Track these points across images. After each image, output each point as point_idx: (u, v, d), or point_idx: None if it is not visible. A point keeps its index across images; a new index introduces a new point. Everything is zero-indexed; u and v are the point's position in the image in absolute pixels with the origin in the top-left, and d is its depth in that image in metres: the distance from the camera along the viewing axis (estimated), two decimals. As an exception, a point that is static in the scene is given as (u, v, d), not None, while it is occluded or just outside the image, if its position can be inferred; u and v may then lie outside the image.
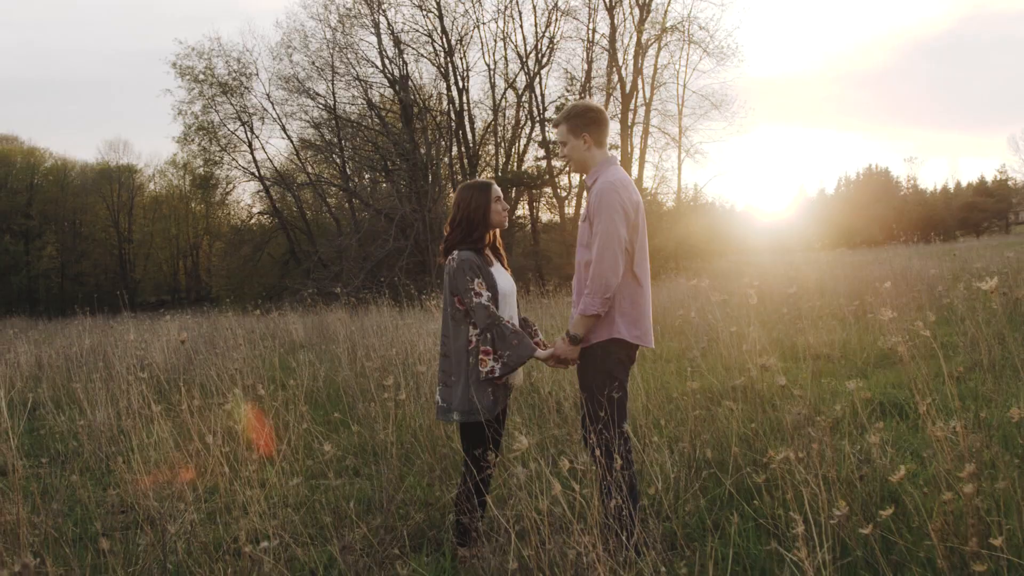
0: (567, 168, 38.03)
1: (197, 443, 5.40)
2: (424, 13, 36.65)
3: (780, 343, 10.03)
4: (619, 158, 37.29)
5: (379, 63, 37.30)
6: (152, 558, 4.52)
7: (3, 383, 7.58)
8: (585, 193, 4.75)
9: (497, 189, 4.80)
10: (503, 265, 4.91)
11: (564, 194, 38.83)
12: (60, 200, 62.70)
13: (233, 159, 42.66)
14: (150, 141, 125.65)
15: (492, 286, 4.58)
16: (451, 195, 40.68)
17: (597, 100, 38.02)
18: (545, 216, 41.40)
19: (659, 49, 37.18)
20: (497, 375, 4.45)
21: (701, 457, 5.35)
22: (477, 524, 4.45)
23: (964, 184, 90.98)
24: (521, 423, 6.92)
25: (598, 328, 4.46)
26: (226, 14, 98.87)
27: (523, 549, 3.49)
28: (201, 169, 45.90)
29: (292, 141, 41.08)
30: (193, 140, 41.63)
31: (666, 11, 36.51)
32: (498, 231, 4.92)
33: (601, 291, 4.31)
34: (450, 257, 4.66)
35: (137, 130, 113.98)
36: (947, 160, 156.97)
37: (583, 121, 4.61)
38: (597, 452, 4.08)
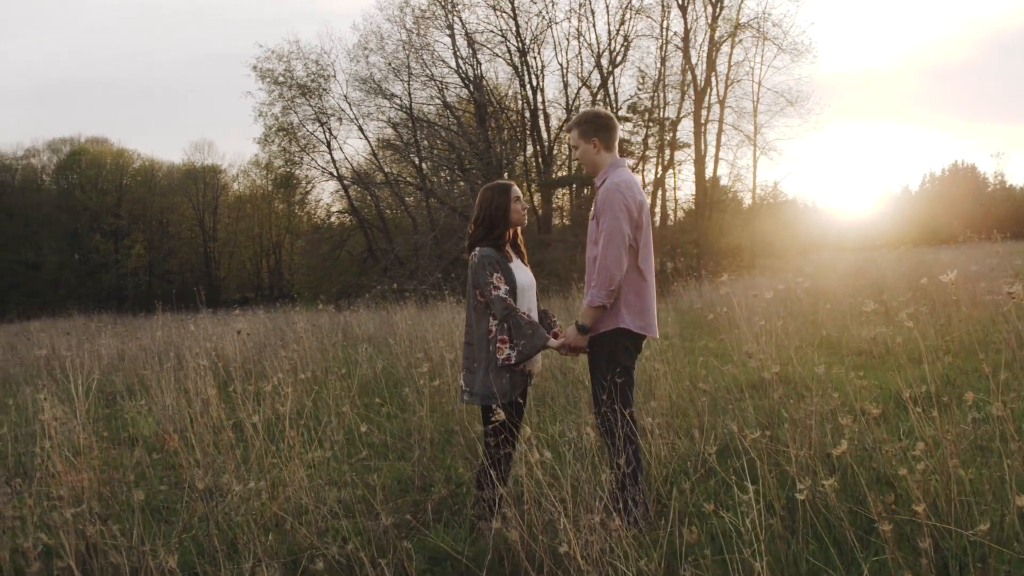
0: (638, 167, 38.19)
1: (247, 426, 5.87)
2: (498, 14, 37.12)
3: (826, 338, 10.22)
4: (693, 156, 37.52)
5: (453, 63, 37.90)
6: (201, 528, 5.00)
7: (81, 372, 8.15)
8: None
9: (516, 190, 5.17)
10: (523, 261, 5.27)
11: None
12: (148, 200, 64.61)
13: (312, 159, 43.33)
14: (233, 142, 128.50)
15: (511, 280, 4.95)
16: (525, 194, 41.16)
17: (672, 98, 38.12)
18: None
19: (733, 46, 37.06)
20: (513, 362, 4.83)
21: (710, 441, 5.66)
22: (493, 498, 4.82)
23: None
24: (557, 409, 7.30)
25: (605, 319, 4.82)
26: (304, 16, 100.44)
27: (508, 510, 3.86)
28: (281, 169, 46.73)
29: (369, 141, 41.77)
30: (273, 141, 42.31)
31: (739, 8, 36.38)
32: (519, 229, 5.30)
33: (606, 284, 4.67)
34: (473, 253, 5.05)
35: (221, 131, 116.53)
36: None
37: (592, 127, 4.98)
38: (587, 431, 4.46)
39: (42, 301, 49.36)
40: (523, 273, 5.15)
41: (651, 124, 37.80)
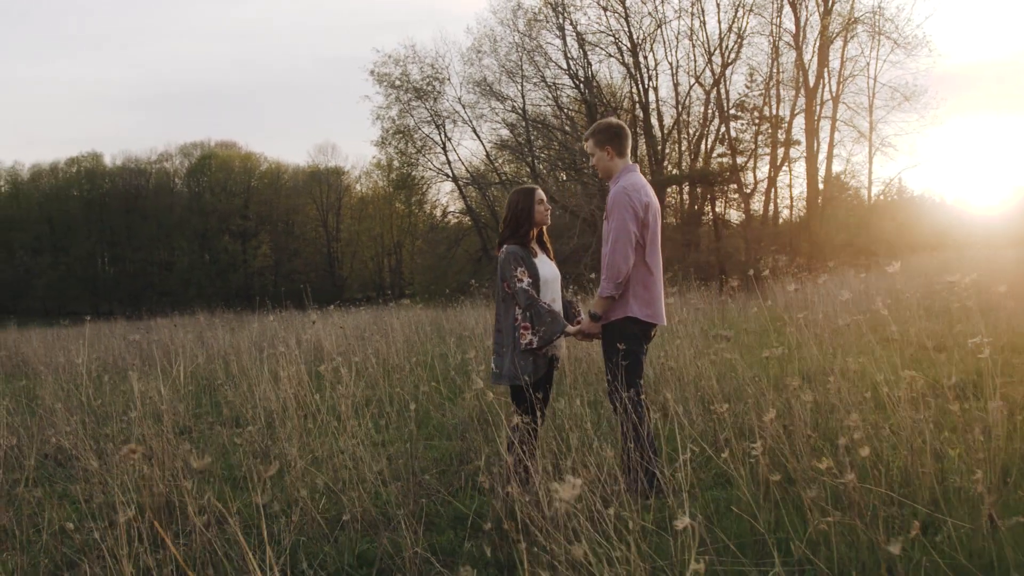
0: (749, 164, 38.07)
1: (312, 406, 6.57)
2: (609, 14, 37.37)
3: (886, 333, 10.44)
4: (805, 153, 37.05)
5: (564, 65, 38.40)
6: (276, 489, 5.71)
7: (184, 358, 9.02)
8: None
9: (540, 193, 5.75)
10: (548, 256, 5.84)
11: (748, 191, 38.68)
12: (274, 202, 67.07)
13: (428, 160, 44.24)
14: (356, 144, 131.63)
15: (534, 274, 5.52)
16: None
17: (784, 95, 37.73)
18: (734, 214, 40.90)
19: (845, 42, 36.46)
20: (535, 346, 5.41)
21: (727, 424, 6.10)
22: (514, 468, 5.38)
23: None
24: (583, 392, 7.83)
25: (615, 308, 5.37)
26: (420, 20, 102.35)
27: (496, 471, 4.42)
28: (399, 171, 47.79)
29: (483, 142, 42.56)
30: (390, 143, 43.39)
31: (852, 3, 35.71)
32: (544, 228, 5.85)
33: (614, 277, 5.23)
34: (501, 250, 5.65)
35: (343, 134, 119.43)
36: None
37: (605, 136, 5.52)
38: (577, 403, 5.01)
39: (173, 300, 51.50)
40: (547, 267, 5.71)
41: (761, 121, 37.58)
